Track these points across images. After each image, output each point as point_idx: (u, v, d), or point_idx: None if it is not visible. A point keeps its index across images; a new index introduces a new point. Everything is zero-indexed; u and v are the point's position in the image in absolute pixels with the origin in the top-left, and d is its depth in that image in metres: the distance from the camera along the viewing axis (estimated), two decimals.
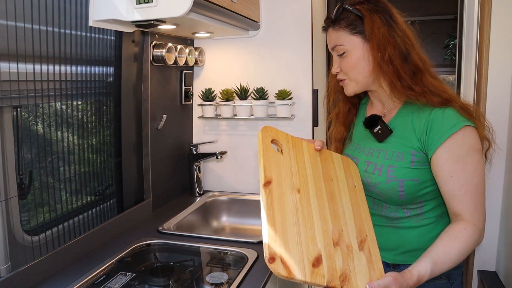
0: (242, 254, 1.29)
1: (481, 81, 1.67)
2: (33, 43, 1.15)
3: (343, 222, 1.01)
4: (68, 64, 1.29)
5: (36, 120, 1.20)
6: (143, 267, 1.27)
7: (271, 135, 1.04)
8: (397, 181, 1.09)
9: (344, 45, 1.12)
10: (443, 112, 1.05)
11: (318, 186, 1.04)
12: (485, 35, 1.62)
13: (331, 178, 1.09)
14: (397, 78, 1.07)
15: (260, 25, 1.83)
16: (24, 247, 1.18)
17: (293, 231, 0.90)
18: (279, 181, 0.96)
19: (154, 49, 1.62)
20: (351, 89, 1.18)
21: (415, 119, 1.09)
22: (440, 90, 1.07)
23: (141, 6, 1.21)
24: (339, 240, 0.97)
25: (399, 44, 1.07)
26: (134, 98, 1.61)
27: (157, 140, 1.72)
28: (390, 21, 1.09)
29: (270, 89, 1.84)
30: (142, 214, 1.62)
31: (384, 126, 1.15)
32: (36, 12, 1.15)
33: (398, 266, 1.18)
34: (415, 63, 1.08)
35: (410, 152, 1.09)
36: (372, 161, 1.16)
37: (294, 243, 0.88)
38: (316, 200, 1.00)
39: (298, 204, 0.96)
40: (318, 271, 0.87)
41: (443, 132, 1.04)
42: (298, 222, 0.93)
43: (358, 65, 1.13)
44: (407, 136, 1.11)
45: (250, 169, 1.95)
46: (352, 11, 1.11)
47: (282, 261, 0.83)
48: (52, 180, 1.26)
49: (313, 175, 1.05)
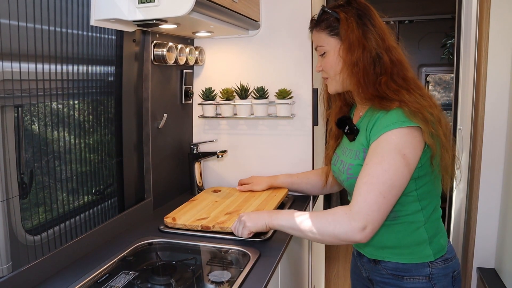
0: (244, 252, 1.30)
1: (480, 80, 1.68)
2: (35, 42, 1.15)
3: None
4: (70, 64, 1.29)
5: (37, 119, 1.20)
6: (146, 266, 1.28)
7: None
8: (353, 179, 1.15)
9: (323, 46, 1.20)
10: (388, 112, 1.09)
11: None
12: (483, 34, 1.64)
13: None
14: (357, 79, 1.13)
15: (260, 25, 1.84)
16: (26, 246, 1.18)
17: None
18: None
19: (154, 49, 1.62)
20: (333, 87, 1.26)
21: (368, 119, 1.16)
22: (395, 95, 1.10)
23: (143, 6, 1.22)
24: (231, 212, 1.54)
25: (370, 48, 1.11)
26: (135, 97, 1.61)
27: (158, 139, 1.73)
28: (366, 24, 1.13)
29: (270, 88, 1.85)
30: (143, 213, 1.62)
31: (351, 126, 1.23)
32: (38, 12, 1.15)
33: (379, 262, 1.22)
34: (385, 65, 1.11)
35: (362, 150, 1.16)
36: (344, 160, 1.24)
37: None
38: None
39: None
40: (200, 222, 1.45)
41: (380, 129, 1.08)
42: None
43: (336, 65, 1.20)
44: (362, 135, 1.17)
45: (250, 168, 1.95)
46: (331, 14, 1.17)
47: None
48: (53, 179, 1.26)
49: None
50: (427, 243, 1.16)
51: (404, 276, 1.17)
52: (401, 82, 1.12)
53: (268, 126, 1.91)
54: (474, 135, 1.77)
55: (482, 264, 1.75)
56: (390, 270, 1.20)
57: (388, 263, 1.20)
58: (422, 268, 1.16)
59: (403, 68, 1.14)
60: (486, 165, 1.70)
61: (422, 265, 1.16)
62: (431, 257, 1.16)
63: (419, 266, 1.16)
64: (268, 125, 1.91)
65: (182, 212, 1.57)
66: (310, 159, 1.87)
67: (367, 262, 1.27)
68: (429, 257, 1.16)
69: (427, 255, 1.16)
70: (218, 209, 1.59)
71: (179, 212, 1.57)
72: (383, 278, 1.22)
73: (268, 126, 1.91)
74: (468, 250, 1.79)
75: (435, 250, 1.16)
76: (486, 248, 1.74)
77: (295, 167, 1.88)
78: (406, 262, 1.17)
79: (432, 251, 1.16)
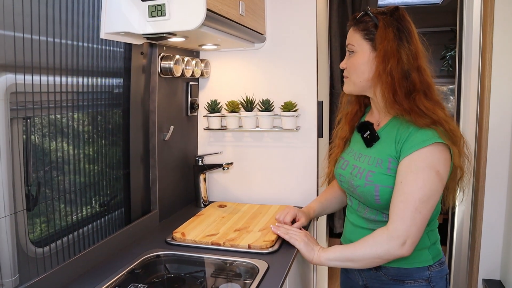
0: (252, 265, 1.30)
1: (484, 93, 1.70)
2: (47, 55, 1.16)
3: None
4: (79, 76, 1.30)
5: (44, 131, 1.21)
6: (154, 278, 1.27)
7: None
8: (373, 186, 1.17)
9: (354, 46, 1.21)
10: (422, 128, 1.10)
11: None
12: (487, 48, 1.66)
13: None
14: (391, 90, 1.13)
15: (265, 38, 1.86)
16: (35, 259, 1.17)
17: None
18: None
19: (162, 61, 1.63)
20: (349, 88, 1.27)
21: (399, 131, 1.15)
22: (431, 112, 1.11)
23: (154, 20, 1.23)
24: (240, 229, 1.54)
25: (403, 61, 1.12)
26: (142, 109, 1.62)
27: (164, 151, 1.73)
28: (403, 39, 1.14)
29: (275, 100, 1.86)
30: (149, 225, 1.62)
31: (373, 132, 1.23)
32: (51, 25, 1.17)
33: (379, 268, 1.24)
34: (414, 82, 1.13)
35: (388, 159, 1.16)
36: (358, 165, 1.24)
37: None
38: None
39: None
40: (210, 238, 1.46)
41: (414, 144, 1.10)
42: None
43: (359, 68, 1.20)
44: (388, 144, 1.17)
45: (255, 180, 1.96)
46: (372, 18, 1.18)
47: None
48: (60, 191, 1.26)
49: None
50: (428, 248, 1.20)
51: (405, 280, 1.20)
52: (433, 102, 1.14)
53: (273, 138, 1.92)
54: (479, 147, 1.78)
55: (487, 276, 1.75)
56: (392, 275, 1.22)
57: (389, 269, 1.22)
58: (422, 272, 1.19)
59: (431, 90, 1.15)
60: (491, 177, 1.71)
61: (422, 268, 1.19)
62: (430, 261, 1.20)
63: (419, 270, 1.19)
64: (273, 138, 1.92)
65: (190, 227, 1.56)
66: (315, 171, 1.88)
67: (366, 269, 1.27)
68: (428, 261, 1.20)
69: (427, 259, 1.20)
70: (227, 225, 1.59)
71: (187, 227, 1.56)
72: (383, 284, 1.24)
73: (273, 138, 1.92)
74: (473, 262, 1.80)
75: (434, 254, 1.21)
76: (491, 259, 1.74)
77: (300, 179, 1.89)
78: (408, 267, 1.19)
79: (431, 255, 1.20)
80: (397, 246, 1.08)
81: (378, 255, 1.11)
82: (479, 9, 1.80)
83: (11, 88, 1.07)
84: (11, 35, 1.04)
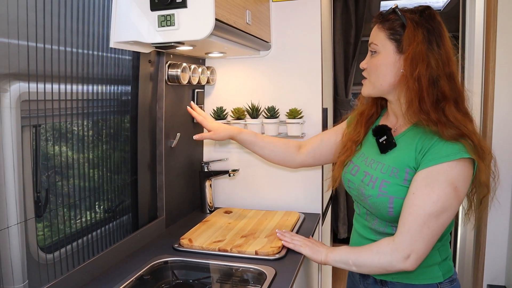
0: (260, 271, 1.31)
1: (488, 100, 1.71)
2: (58, 63, 1.18)
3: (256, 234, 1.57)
4: (89, 84, 1.33)
5: (53, 138, 1.22)
6: (163, 284, 1.28)
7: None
8: (387, 197, 1.09)
9: (377, 45, 1.12)
10: (448, 140, 1.02)
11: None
12: (490, 54, 1.68)
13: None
14: (418, 98, 1.04)
15: (271, 45, 1.88)
16: (45, 265, 1.18)
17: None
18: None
19: (169, 69, 1.65)
20: (367, 90, 1.18)
21: (421, 140, 1.07)
22: (461, 124, 1.03)
23: (164, 29, 1.25)
24: (247, 236, 1.55)
25: (432, 66, 1.03)
26: (149, 116, 1.64)
27: (170, 158, 1.75)
28: (433, 42, 1.04)
29: (280, 108, 1.88)
30: (156, 231, 1.64)
31: (390, 138, 1.14)
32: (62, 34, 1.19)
33: (386, 283, 1.18)
34: (442, 90, 1.04)
35: (405, 170, 1.08)
36: (370, 172, 1.16)
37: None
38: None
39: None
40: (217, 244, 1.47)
41: (437, 157, 1.02)
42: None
43: (380, 70, 1.12)
44: (407, 153, 1.10)
45: (260, 186, 1.97)
46: (399, 17, 1.08)
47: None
48: (70, 197, 1.27)
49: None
50: (438, 265, 1.14)
51: None
52: (463, 113, 1.06)
53: None
54: None
55: (492, 281, 1.76)
56: None
57: (396, 285, 1.16)
58: None
59: (462, 100, 1.07)
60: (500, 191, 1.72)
61: (431, 285, 1.13)
62: (440, 278, 1.13)
63: (428, 287, 1.13)
64: None
65: (197, 234, 1.58)
66: (319, 177, 1.89)
67: (373, 283, 1.21)
68: (438, 278, 1.13)
69: (437, 276, 1.13)
70: (233, 232, 1.60)
71: (194, 233, 1.58)
72: None
73: None
74: (478, 267, 1.80)
75: (444, 271, 1.15)
76: (496, 265, 1.75)
77: (305, 185, 1.90)
78: (416, 283, 1.13)
79: (442, 272, 1.14)
80: (400, 259, 1.03)
81: (381, 265, 1.07)
82: (481, 15, 1.82)
83: (24, 96, 1.09)
84: (25, 45, 1.06)
